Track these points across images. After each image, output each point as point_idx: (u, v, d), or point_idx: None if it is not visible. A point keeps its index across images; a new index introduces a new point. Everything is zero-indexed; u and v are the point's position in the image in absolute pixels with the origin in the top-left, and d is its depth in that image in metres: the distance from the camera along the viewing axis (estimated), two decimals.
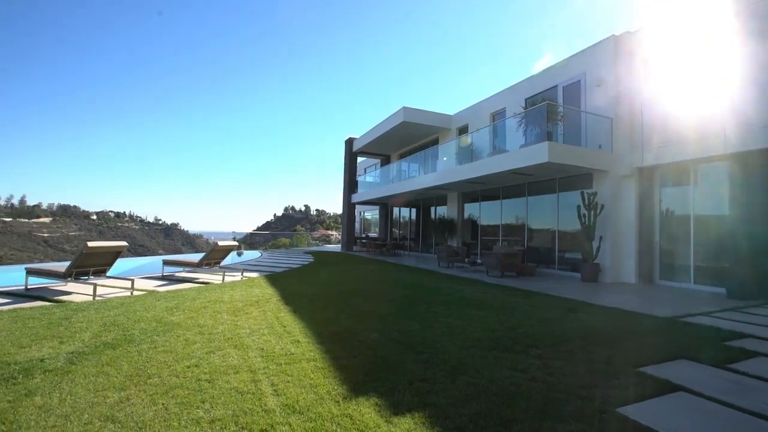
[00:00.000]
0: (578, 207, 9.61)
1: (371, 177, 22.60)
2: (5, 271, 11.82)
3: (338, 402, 2.71)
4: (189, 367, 3.30)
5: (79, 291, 6.99)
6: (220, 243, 9.55)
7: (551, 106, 9.98)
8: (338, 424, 2.42)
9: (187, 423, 2.41)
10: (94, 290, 6.48)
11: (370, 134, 18.99)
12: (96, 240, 34.75)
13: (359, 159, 23.87)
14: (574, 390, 2.93)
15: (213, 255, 9.44)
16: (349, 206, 21.24)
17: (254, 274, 9.88)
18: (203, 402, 2.68)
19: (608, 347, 4.04)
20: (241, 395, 2.79)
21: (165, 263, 9.67)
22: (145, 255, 71.24)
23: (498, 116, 13.95)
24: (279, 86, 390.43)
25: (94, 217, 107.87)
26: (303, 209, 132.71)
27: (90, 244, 6.77)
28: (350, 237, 21.09)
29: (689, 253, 8.53)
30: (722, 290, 7.61)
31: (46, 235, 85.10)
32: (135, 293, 6.85)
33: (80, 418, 2.45)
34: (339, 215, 32.16)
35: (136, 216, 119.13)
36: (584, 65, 10.55)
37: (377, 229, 24.02)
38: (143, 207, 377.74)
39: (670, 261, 9.01)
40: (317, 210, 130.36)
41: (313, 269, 11.42)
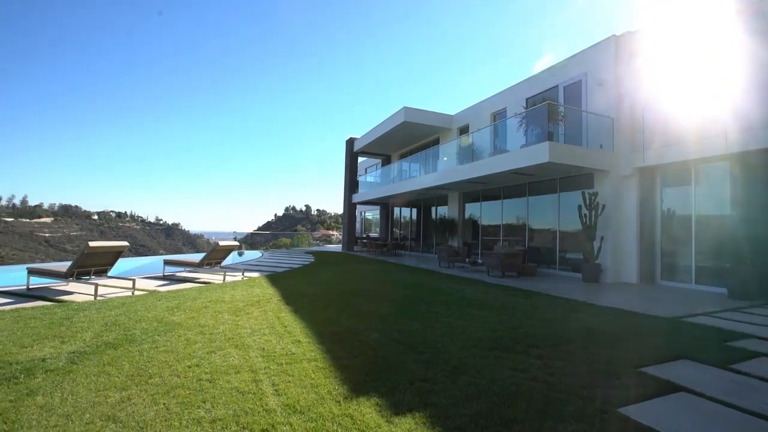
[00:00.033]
0: (579, 207, 9.60)
1: (372, 177, 22.60)
2: (7, 271, 11.85)
3: (339, 402, 2.71)
4: (190, 367, 3.31)
5: (81, 291, 7.01)
6: (221, 243, 9.56)
7: (552, 106, 9.97)
8: (339, 424, 2.42)
9: (188, 423, 2.41)
10: (96, 290, 6.50)
11: (371, 134, 19.00)
12: (97, 240, 34.80)
13: (360, 159, 23.89)
14: (575, 390, 2.92)
15: (214, 255, 9.45)
16: (350, 206, 21.25)
17: (255, 274, 9.90)
18: (204, 402, 2.69)
19: (609, 347, 4.03)
20: (242, 395, 2.80)
21: (166, 263, 9.68)
22: (146, 255, 71.34)
23: (499, 116, 13.94)
24: (279, 86, 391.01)
25: (96, 217, 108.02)
26: (304, 209, 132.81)
27: (91, 244, 6.78)
28: (351, 237, 21.10)
29: (690, 254, 8.51)
30: (723, 290, 7.60)
31: (48, 235, 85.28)
32: (136, 293, 6.86)
33: (81, 418, 2.46)
34: (340, 215, 32.13)
35: (138, 216, 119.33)
36: (585, 65, 10.54)
37: (378, 229, 24.02)
38: (144, 207, 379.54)
39: (672, 261, 9.00)
40: (318, 210, 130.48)
41: (314, 269, 11.42)
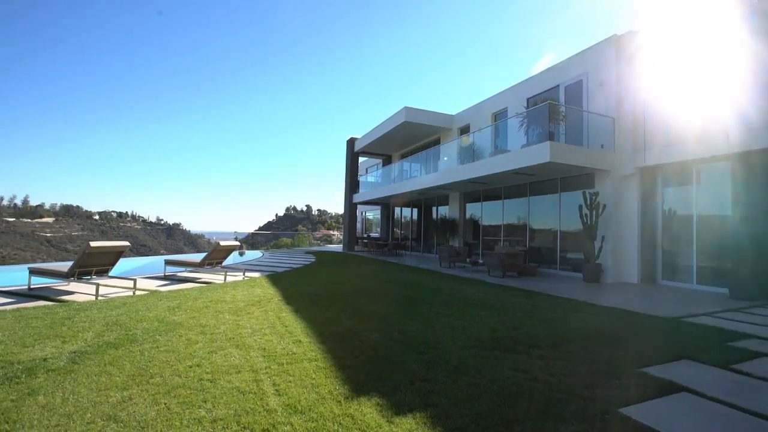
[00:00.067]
0: (580, 207, 9.59)
1: (373, 177, 22.60)
2: (9, 271, 11.87)
3: (340, 402, 2.71)
4: (191, 367, 3.31)
5: (82, 291, 7.02)
6: (222, 243, 9.56)
7: (553, 106, 9.96)
8: (340, 424, 2.42)
9: (189, 422, 2.42)
10: (97, 290, 6.50)
11: (372, 134, 19.00)
12: (98, 240, 34.88)
13: (361, 159, 23.89)
14: (576, 390, 2.92)
15: (215, 255, 9.46)
16: (351, 206, 21.26)
17: (256, 274, 9.90)
18: (205, 402, 2.69)
19: (610, 348, 4.03)
20: (243, 395, 2.80)
21: (167, 263, 9.69)
22: (148, 255, 71.41)
23: (500, 116, 13.93)
24: (280, 86, 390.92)
25: (97, 217, 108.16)
26: (304, 209, 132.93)
27: (92, 244, 6.78)
28: (352, 237, 21.10)
29: (692, 253, 8.50)
30: (725, 290, 7.58)
31: (49, 235, 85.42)
32: (137, 293, 6.87)
33: (83, 418, 2.46)
34: (340, 215, 32.16)
35: (139, 216, 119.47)
36: (586, 65, 10.52)
37: (379, 229, 24.02)
38: (145, 207, 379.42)
39: (673, 261, 8.98)
40: (319, 210, 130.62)
41: (315, 269, 11.43)
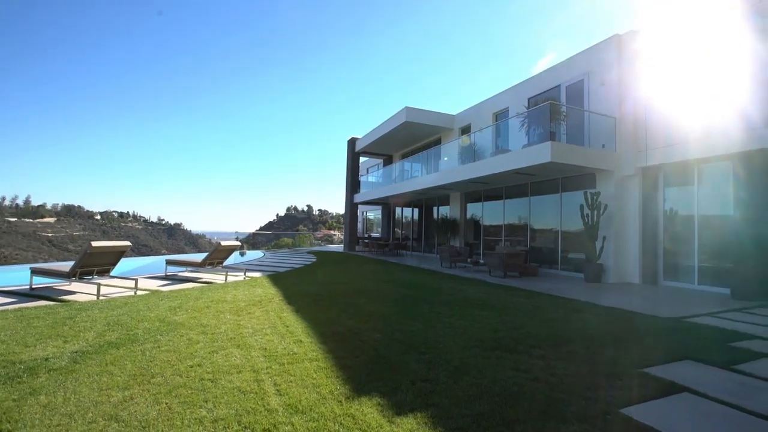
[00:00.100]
0: (581, 207, 9.58)
1: (374, 177, 22.59)
2: (11, 271, 11.90)
3: (341, 402, 2.71)
4: (192, 367, 3.31)
5: (83, 290, 7.03)
6: (223, 243, 9.56)
7: (554, 106, 9.94)
8: (341, 424, 2.42)
9: (191, 422, 2.42)
10: (98, 290, 6.51)
11: (373, 134, 19.00)
12: (100, 240, 34.90)
13: (362, 159, 23.88)
14: (578, 391, 2.92)
15: (216, 255, 9.46)
16: (352, 206, 21.26)
17: (257, 274, 9.91)
18: (206, 401, 2.69)
19: (612, 348, 4.02)
20: (244, 395, 2.80)
21: (168, 263, 9.71)
22: (149, 255, 71.54)
23: (501, 116, 13.92)
24: (280, 86, 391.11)
25: (98, 217, 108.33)
26: (305, 209, 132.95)
27: (94, 244, 6.80)
28: (353, 237, 21.10)
29: (693, 254, 8.48)
30: (726, 291, 7.56)
31: (51, 235, 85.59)
32: (138, 293, 6.88)
33: (84, 417, 2.46)
34: (341, 215, 32.17)
35: (140, 216, 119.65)
36: (587, 65, 10.51)
37: (380, 229, 24.02)
38: (146, 207, 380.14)
39: (674, 261, 8.96)
40: (320, 210, 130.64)
41: (316, 269, 11.43)
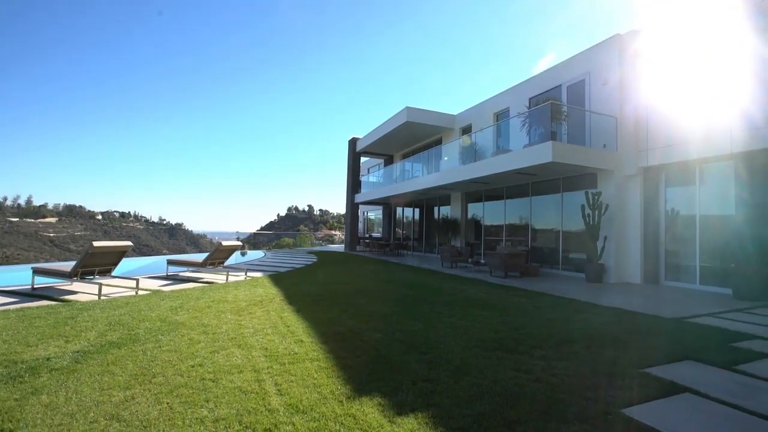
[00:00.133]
0: (582, 207, 9.56)
1: (374, 177, 22.58)
2: (12, 271, 11.92)
3: (342, 402, 2.71)
4: (193, 367, 3.32)
5: (85, 290, 7.05)
6: (224, 243, 9.57)
7: (555, 106, 9.93)
8: (341, 424, 2.42)
9: (192, 422, 2.42)
10: (100, 290, 6.53)
11: (374, 134, 19.00)
12: (101, 240, 35.01)
13: (363, 159, 23.89)
14: (579, 391, 2.91)
15: (217, 255, 9.47)
16: (353, 206, 21.26)
17: (258, 274, 9.92)
18: (207, 401, 2.70)
19: (613, 348, 4.01)
20: (245, 395, 2.80)
21: (169, 263, 9.71)
22: (150, 255, 71.60)
23: (502, 116, 13.91)
24: (280, 86, 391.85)
25: (100, 217, 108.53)
26: (306, 209, 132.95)
27: (95, 244, 6.81)
28: (353, 237, 21.10)
29: (695, 254, 8.46)
30: (728, 291, 7.54)
31: (52, 235, 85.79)
32: (140, 293, 6.89)
33: (86, 417, 2.47)
34: (342, 215, 32.18)
35: (141, 216, 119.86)
36: (589, 64, 10.49)
37: (380, 229, 24.02)
38: (147, 207, 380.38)
39: (676, 261, 8.94)
40: (320, 210, 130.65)
41: (317, 269, 11.44)
